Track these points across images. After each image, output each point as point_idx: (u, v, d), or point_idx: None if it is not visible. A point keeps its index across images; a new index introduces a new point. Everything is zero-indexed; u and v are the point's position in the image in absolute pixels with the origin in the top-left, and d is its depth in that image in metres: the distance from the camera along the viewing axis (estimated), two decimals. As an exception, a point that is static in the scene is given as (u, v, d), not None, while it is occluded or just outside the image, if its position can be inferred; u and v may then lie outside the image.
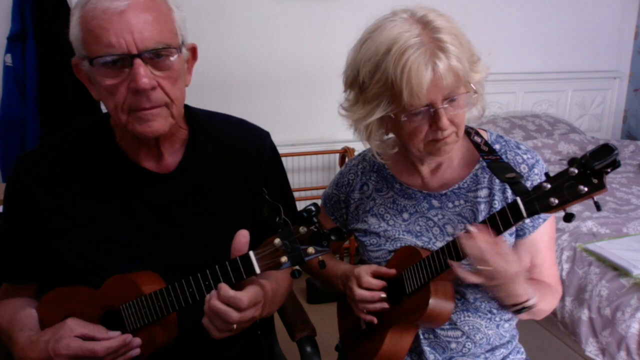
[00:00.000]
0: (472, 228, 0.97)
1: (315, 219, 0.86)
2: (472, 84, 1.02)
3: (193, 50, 1.07)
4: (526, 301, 1.04)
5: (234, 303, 0.88)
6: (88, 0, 0.93)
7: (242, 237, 0.91)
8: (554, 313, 1.92)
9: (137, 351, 0.97)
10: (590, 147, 2.98)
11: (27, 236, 1.09)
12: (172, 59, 0.96)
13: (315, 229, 0.86)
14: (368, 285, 1.11)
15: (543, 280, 1.16)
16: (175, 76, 0.98)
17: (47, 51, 2.37)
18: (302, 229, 0.86)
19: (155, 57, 0.94)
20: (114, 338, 0.95)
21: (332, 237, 0.86)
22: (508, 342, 1.22)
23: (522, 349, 1.27)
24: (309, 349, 1.27)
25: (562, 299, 1.92)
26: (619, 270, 1.80)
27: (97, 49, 0.93)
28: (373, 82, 1.01)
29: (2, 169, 2.50)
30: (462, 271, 1.00)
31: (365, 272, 1.12)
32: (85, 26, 0.93)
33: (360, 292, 1.11)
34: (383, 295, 1.11)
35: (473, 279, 0.99)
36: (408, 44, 0.96)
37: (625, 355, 1.67)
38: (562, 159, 2.93)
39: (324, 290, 2.79)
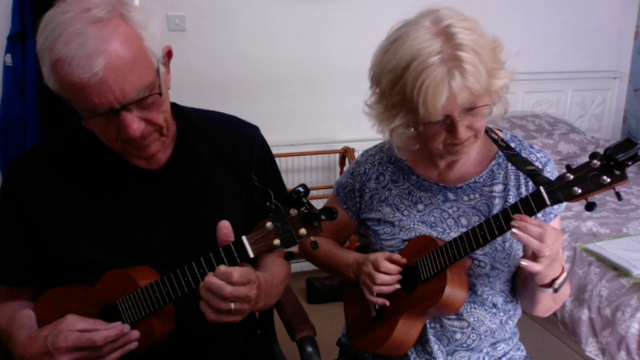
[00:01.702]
0: (516, 216, 0.97)
1: (304, 200, 0.86)
2: (492, 92, 1.04)
3: (168, 54, 1.04)
4: (562, 272, 1.04)
5: (225, 277, 0.89)
6: (57, 60, 0.88)
7: (224, 227, 0.92)
8: (554, 313, 1.92)
9: (134, 344, 0.97)
10: (590, 147, 3.00)
11: (23, 238, 1.09)
12: (155, 92, 0.96)
13: (306, 210, 0.86)
14: (386, 270, 1.13)
15: None
16: (161, 102, 0.98)
17: (47, 51, 2.37)
18: (293, 211, 0.87)
19: (140, 101, 0.94)
20: (112, 328, 0.96)
21: (323, 217, 0.86)
22: (509, 338, 1.24)
23: (523, 347, 1.28)
24: (309, 349, 1.26)
25: (562, 299, 1.92)
26: (619, 270, 1.80)
27: (79, 105, 0.94)
28: (393, 93, 1.05)
29: (2, 169, 2.50)
30: (530, 263, 0.98)
31: (382, 257, 1.14)
32: (61, 86, 0.92)
33: (381, 275, 1.12)
34: (400, 277, 1.13)
35: (537, 267, 0.98)
36: (427, 63, 0.97)
37: (625, 355, 1.67)
38: (562, 159, 2.93)
39: (324, 290, 2.79)
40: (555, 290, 1.04)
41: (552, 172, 1.14)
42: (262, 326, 1.43)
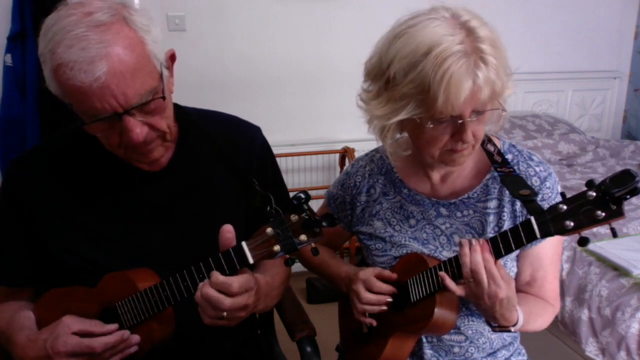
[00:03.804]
0: (474, 241, 0.96)
1: (305, 206, 0.85)
2: (500, 100, 0.98)
3: (172, 57, 1.03)
4: (509, 326, 1.02)
5: (224, 288, 0.88)
6: (59, 64, 0.87)
7: (227, 232, 0.91)
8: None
9: (134, 348, 0.97)
10: (590, 147, 2.99)
11: (23, 238, 1.09)
12: (158, 95, 0.95)
13: (307, 217, 0.85)
14: (379, 289, 1.11)
15: (542, 295, 1.14)
16: (164, 107, 0.98)
17: (47, 51, 2.37)
18: (294, 217, 0.86)
19: (143, 105, 0.93)
20: (112, 334, 0.96)
21: (324, 224, 0.86)
22: (510, 344, 1.22)
23: (524, 351, 1.27)
24: (308, 349, 1.26)
25: (562, 299, 1.92)
26: (619, 270, 1.80)
27: (81, 110, 0.93)
28: (405, 81, 0.95)
29: (2, 169, 2.50)
30: (449, 281, 0.99)
31: (372, 275, 1.12)
32: (63, 90, 0.91)
33: (367, 295, 1.11)
34: (389, 299, 1.11)
35: (458, 291, 0.99)
36: (452, 50, 0.90)
37: (625, 355, 1.67)
38: (562, 159, 2.93)
39: (324, 290, 2.79)
40: (493, 329, 1.04)
41: (552, 187, 1.07)
42: (262, 326, 1.43)
